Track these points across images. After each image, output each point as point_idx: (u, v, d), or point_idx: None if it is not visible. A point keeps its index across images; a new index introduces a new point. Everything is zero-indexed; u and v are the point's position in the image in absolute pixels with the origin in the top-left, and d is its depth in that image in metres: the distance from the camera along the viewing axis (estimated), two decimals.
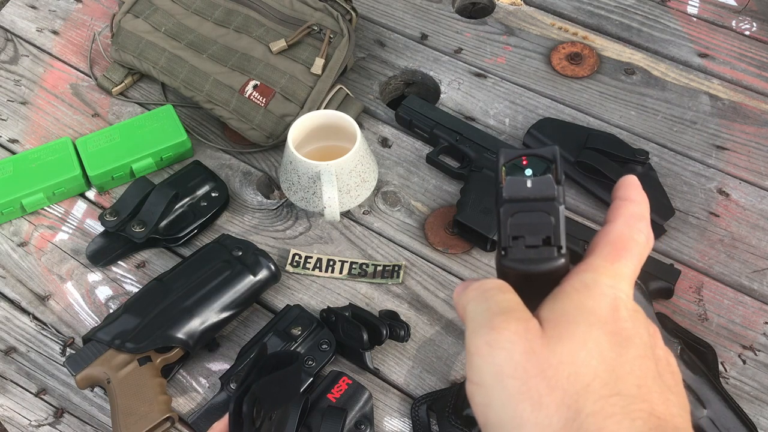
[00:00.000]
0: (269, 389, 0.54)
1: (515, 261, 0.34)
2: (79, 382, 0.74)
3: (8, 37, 1.09)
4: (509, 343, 0.32)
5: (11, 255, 0.88)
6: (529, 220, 0.34)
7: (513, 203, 0.34)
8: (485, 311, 0.34)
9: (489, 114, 1.00)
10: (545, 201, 0.34)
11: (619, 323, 0.33)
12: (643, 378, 0.32)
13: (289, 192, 0.89)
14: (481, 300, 0.34)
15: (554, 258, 0.34)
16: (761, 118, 0.99)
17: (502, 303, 0.34)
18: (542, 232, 0.34)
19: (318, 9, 0.96)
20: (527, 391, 0.31)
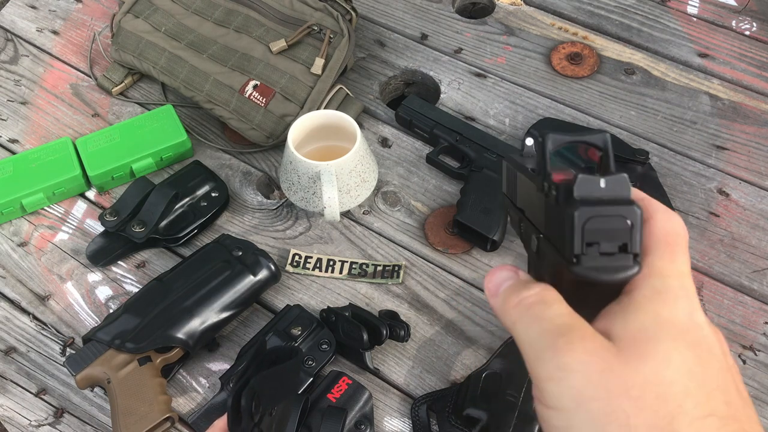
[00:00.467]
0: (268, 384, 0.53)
1: (589, 270, 0.31)
2: (79, 382, 0.74)
3: (8, 37, 1.09)
4: (582, 364, 0.30)
5: (11, 255, 0.88)
6: (605, 225, 0.31)
7: (587, 205, 0.31)
8: (542, 333, 0.31)
9: (489, 114, 1.00)
10: (622, 203, 0.31)
11: (699, 332, 0.31)
12: (728, 393, 0.31)
13: (289, 192, 0.89)
14: (530, 320, 0.32)
15: (630, 266, 0.31)
16: (761, 118, 0.99)
17: (557, 320, 0.32)
18: (619, 238, 0.31)
19: (318, 9, 0.96)
20: (613, 413, 0.29)
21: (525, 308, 0.33)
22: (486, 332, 0.81)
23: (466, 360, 0.79)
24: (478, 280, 0.85)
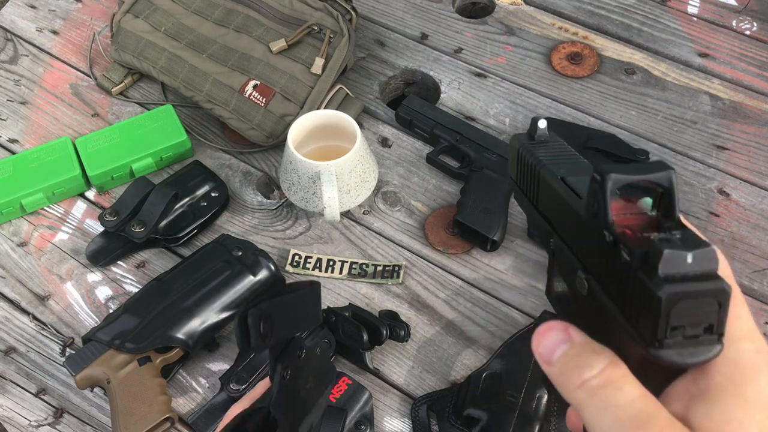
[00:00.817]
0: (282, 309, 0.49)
1: (672, 354, 0.28)
2: (78, 383, 0.74)
3: (8, 37, 1.09)
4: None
5: (11, 255, 0.88)
6: (693, 308, 0.28)
7: (674, 286, 0.27)
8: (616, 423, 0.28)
9: (489, 114, 1.00)
10: (710, 280, 0.28)
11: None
12: None
13: (289, 192, 0.88)
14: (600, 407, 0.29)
15: (714, 346, 0.29)
16: (761, 118, 0.98)
17: (630, 408, 0.28)
18: (706, 320, 0.28)
19: (318, 9, 0.96)
20: None
21: (591, 392, 0.29)
22: (486, 332, 0.81)
23: (466, 360, 0.79)
24: (479, 280, 0.85)
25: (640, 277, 0.28)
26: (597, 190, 0.30)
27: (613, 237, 0.30)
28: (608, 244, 0.30)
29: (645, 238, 0.29)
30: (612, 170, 0.30)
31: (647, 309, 0.28)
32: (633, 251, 0.28)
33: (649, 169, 0.30)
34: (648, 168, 0.30)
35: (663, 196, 0.31)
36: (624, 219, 0.31)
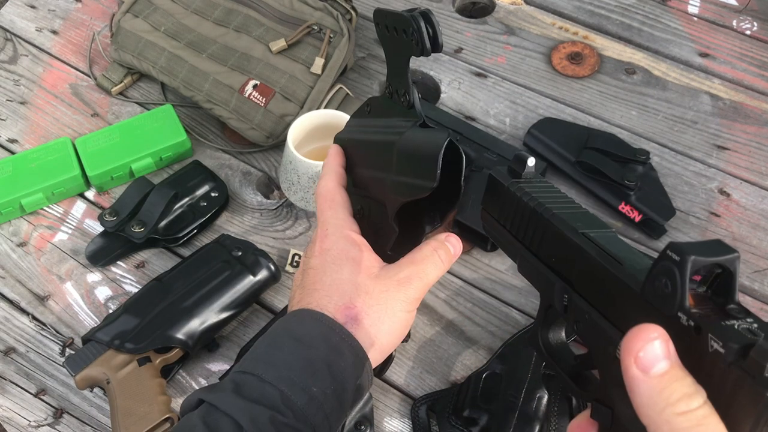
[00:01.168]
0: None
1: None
2: (78, 383, 0.74)
3: (7, 37, 1.09)
4: None
5: (10, 255, 0.88)
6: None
7: None
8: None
9: (489, 114, 1.00)
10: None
11: None
12: None
13: (289, 192, 0.88)
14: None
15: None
16: (762, 118, 0.98)
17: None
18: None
19: (318, 8, 0.96)
20: None
21: (696, 422, 0.30)
22: (486, 333, 0.81)
23: (467, 360, 0.79)
24: (479, 280, 0.84)
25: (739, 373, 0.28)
26: (674, 271, 0.30)
27: (696, 323, 0.30)
28: (684, 327, 0.30)
29: (730, 328, 0.29)
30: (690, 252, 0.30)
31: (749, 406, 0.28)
32: (727, 344, 0.28)
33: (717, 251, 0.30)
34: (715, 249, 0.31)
35: (721, 277, 0.31)
36: None
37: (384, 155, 0.51)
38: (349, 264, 0.52)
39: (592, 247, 0.37)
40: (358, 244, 0.53)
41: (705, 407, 0.30)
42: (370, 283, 0.52)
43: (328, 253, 0.53)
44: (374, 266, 0.53)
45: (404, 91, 0.52)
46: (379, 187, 0.53)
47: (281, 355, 0.49)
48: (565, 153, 0.92)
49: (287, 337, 0.50)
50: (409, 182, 0.49)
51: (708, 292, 0.31)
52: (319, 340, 0.49)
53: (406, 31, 0.48)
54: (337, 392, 0.48)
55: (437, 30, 0.47)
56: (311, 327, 0.50)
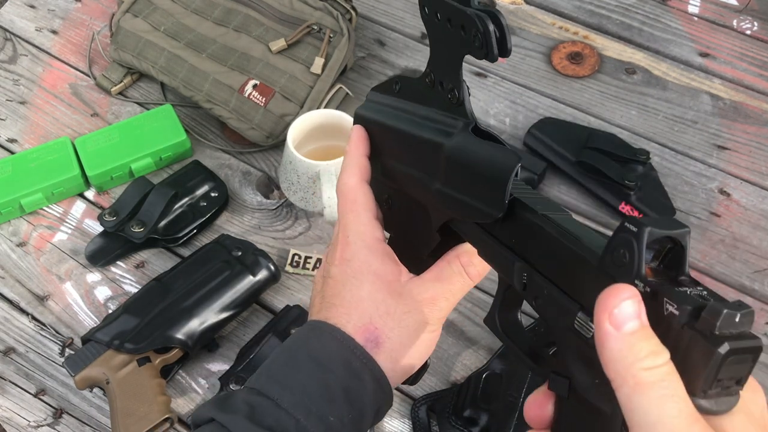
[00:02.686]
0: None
1: (712, 403, 0.31)
2: (78, 383, 0.73)
3: (7, 37, 1.09)
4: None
5: (10, 255, 0.87)
6: (737, 364, 0.30)
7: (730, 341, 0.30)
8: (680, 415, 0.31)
9: (489, 113, 1.00)
10: (751, 338, 0.30)
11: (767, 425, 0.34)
12: None
13: (289, 192, 0.88)
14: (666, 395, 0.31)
15: (735, 397, 0.32)
16: (762, 118, 0.98)
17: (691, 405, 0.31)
18: (739, 373, 0.31)
19: (318, 8, 0.96)
20: None
21: (661, 377, 0.31)
22: (486, 333, 0.80)
23: (467, 360, 0.79)
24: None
25: (692, 332, 0.30)
26: (632, 242, 0.32)
27: (652, 289, 0.32)
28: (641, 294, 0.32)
29: (684, 293, 0.31)
30: (647, 224, 0.32)
31: (701, 363, 0.30)
32: (681, 306, 0.31)
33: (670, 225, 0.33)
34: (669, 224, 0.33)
35: (671, 251, 0.33)
36: None
37: (427, 155, 0.46)
38: (371, 279, 0.48)
39: (552, 226, 0.39)
40: (382, 254, 0.49)
41: (668, 365, 0.32)
42: (391, 301, 0.48)
43: (349, 265, 0.49)
44: (397, 281, 0.48)
45: (452, 87, 0.45)
46: (419, 188, 0.47)
47: (299, 378, 0.46)
48: (565, 153, 0.92)
49: (305, 356, 0.47)
50: (466, 201, 0.43)
51: (660, 266, 0.33)
52: (338, 363, 0.46)
53: (465, 27, 0.42)
54: (354, 420, 0.46)
55: (507, 33, 0.40)
56: (331, 347, 0.47)
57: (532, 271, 0.40)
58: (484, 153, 0.42)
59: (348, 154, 0.51)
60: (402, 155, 0.49)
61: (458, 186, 0.44)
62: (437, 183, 0.45)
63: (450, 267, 0.48)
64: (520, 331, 0.43)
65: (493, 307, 0.43)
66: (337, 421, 0.45)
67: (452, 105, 0.45)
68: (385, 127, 0.50)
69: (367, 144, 0.51)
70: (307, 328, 0.49)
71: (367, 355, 0.46)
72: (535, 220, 0.40)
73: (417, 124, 0.47)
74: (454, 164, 0.44)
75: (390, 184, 0.50)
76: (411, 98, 0.49)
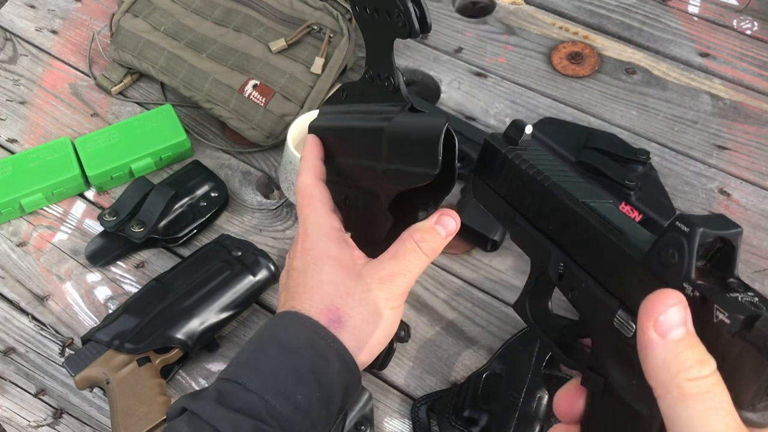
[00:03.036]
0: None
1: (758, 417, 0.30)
2: (78, 383, 0.73)
3: (7, 37, 1.09)
4: None
5: (10, 255, 0.87)
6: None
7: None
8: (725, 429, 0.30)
9: (489, 114, 1.00)
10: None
11: None
12: None
13: (289, 192, 0.88)
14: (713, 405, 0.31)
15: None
16: (762, 118, 0.98)
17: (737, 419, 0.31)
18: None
19: (318, 8, 0.96)
20: None
21: (705, 389, 0.30)
22: (486, 333, 0.80)
23: (467, 361, 0.79)
24: (479, 280, 0.84)
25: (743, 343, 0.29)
26: (682, 242, 0.31)
27: (701, 294, 0.30)
28: (689, 298, 0.31)
29: (735, 300, 0.30)
30: (699, 224, 0.31)
31: (752, 375, 0.29)
32: (733, 315, 0.29)
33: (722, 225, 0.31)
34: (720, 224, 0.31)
35: (722, 251, 0.32)
36: None
37: (372, 143, 0.49)
38: (330, 263, 0.51)
39: (593, 216, 0.37)
40: (339, 241, 0.52)
41: (715, 375, 0.31)
42: (351, 282, 0.50)
43: (309, 254, 0.52)
44: (355, 264, 0.51)
45: (387, 75, 0.49)
46: (369, 176, 0.51)
47: (266, 362, 0.48)
48: (565, 153, 0.92)
49: (272, 342, 0.49)
50: (406, 170, 0.46)
51: (708, 266, 0.32)
52: (305, 346, 0.48)
53: (390, 12, 0.45)
54: (323, 399, 0.47)
55: (425, 9, 0.44)
56: (296, 332, 0.49)
57: (571, 261, 0.39)
58: (416, 121, 0.46)
59: (303, 159, 0.56)
60: (351, 150, 0.53)
61: (401, 159, 0.47)
62: (383, 163, 0.48)
63: (404, 245, 0.51)
64: (551, 320, 0.43)
65: (524, 294, 0.43)
66: (305, 400, 0.47)
67: (391, 94, 0.49)
68: (334, 130, 0.54)
69: (321, 149, 0.56)
70: (273, 319, 0.51)
71: (331, 335, 0.49)
72: (575, 207, 0.39)
73: (361, 119, 0.51)
74: (394, 141, 0.47)
75: (345, 183, 0.54)
76: (357, 100, 0.54)
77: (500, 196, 0.46)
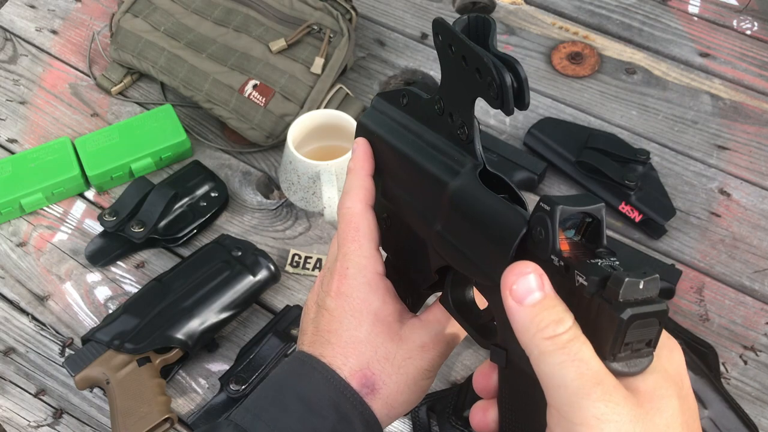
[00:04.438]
0: None
1: (622, 365, 0.33)
2: (78, 383, 0.73)
3: (7, 37, 1.09)
4: (617, 414, 0.32)
5: (10, 255, 0.87)
6: (643, 327, 0.32)
7: (632, 307, 0.32)
8: (580, 378, 0.32)
9: (489, 114, 1.00)
10: (655, 303, 0.32)
11: (684, 382, 0.35)
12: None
13: (289, 192, 0.88)
14: (567, 360, 0.33)
15: (648, 358, 0.34)
16: (762, 118, 0.98)
17: (593, 366, 0.33)
18: (648, 336, 0.33)
19: (318, 8, 0.96)
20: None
21: (561, 345, 0.33)
22: None
23: (467, 361, 0.79)
24: None
25: (599, 300, 0.32)
26: (546, 220, 0.34)
27: (565, 263, 0.34)
28: (556, 268, 0.34)
29: (593, 265, 0.33)
30: (559, 202, 0.34)
31: (608, 328, 0.32)
32: (589, 277, 0.33)
33: (584, 201, 0.35)
34: (583, 201, 0.35)
35: (590, 225, 0.35)
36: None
37: (430, 190, 0.42)
38: (370, 319, 0.45)
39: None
40: (382, 293, 0.46)
41: (571, 332, 0.33)
42: (391, 346, 0.45)
43: (347, 301, 0.46)
44: (397, 322, 0.46)
45: (462, 123, 0.42)
46: (419, 223, 0.44)
47: (285, 420, 0.44)
48: (565, 153, 0.92)
49: (294, 396, 0.45)
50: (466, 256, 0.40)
51: (582, 240, 0.35)
52: (329, 407, 0.44)
53: (481, 72, 0.38)
54: None
55: (525, 86, 0.37)
56: (321, 389, 0.45)
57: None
58: (490, 207, 0.39)
59: (352, 173, 0.48)
60: (404, 181, 0.46)
61: (459, 235, 0.41)
62: (438, 224, 0.42)
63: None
64: (471, 309, 0.45)
65: (445, 287, 0.45)
66: None
67: (461, 140, 0.42)
68: (390, 144, 0.47)
69: (372, 162, 0.48)
70: (297, 363, 0.46)
71: (359, 399, 0.45)
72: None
73: (422, 150, 0.44)
74: (457, 209, 0.41)
75: (390, 207, 0.47)
76: (418, 117, 0.47)
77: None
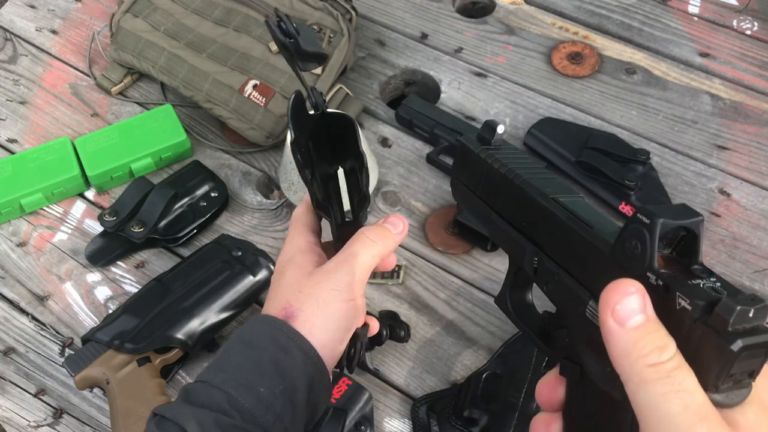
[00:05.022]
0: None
1: (725, 397, 0.31)
2: (78, 383, 0.73)
3: (7, 37, 1.09)
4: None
5: (10, 255, 0.87)
6: (750, 358, 0.30)
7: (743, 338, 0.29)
8: (685, 411, 0.30)
9: (489, 114, 1.00)
10: (764, 333, 0.30)
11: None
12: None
13: (289, 192, 0.88)
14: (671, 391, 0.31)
15: (747, 389, 0.32)
16: (762, 118, 0.98)
17: (698, 399, 0.31)
18: (752, 367, 0.31)
19: (318, 8, 0.96)
20: None
21: (666, 374, 0.31)
22: (486, 333, 0.80)
23: (467, 360, 0.79)
24: (479, 280, 0.84)
25: (704, 327, 0.30)
26: (644, 233, 0.32)
27: (664, 282, 0.31)
28: (653, 286, 0.32)
29: (697, 287, 0.31)
30: (660, 215, 0.31)
31: (713, 358, 0.30)
32: (694, 301, 0.30)
33: (683, 214, 0.32)
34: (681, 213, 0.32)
35: (684, 239, 0.33)
36: None
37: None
38: (290, 267, 0.55)
39: (563, 212, 0.38)
40: (307, 251, 0.56)
41: (675, 360, 0.31)
42: (304, 280, 0.53)
43: (279, 263, 0.57)
44: (311, 264, 0.55)
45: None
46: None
47: (231, 359, 0.50)
48: (565, 153, 0.92)
49: (238, 341, 0.52)
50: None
51: (673, 255, 0.33)
52: (267, 341, 0.50)
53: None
54: (287, 391, 0.49)
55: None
56: (259, 330, 0.52)
57: (544, 256, 0.40)
58: None
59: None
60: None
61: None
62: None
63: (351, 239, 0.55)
64: (531, 312, 0.44)
65: (504, 287, 0.43)
66: (268, 392, 0.48)
67: None
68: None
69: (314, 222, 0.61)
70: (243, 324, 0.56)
71: (293, 330, 0.51)
72: (545, 203, 0.39)
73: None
74: None
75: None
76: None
77: (477, 195, 0.46)
